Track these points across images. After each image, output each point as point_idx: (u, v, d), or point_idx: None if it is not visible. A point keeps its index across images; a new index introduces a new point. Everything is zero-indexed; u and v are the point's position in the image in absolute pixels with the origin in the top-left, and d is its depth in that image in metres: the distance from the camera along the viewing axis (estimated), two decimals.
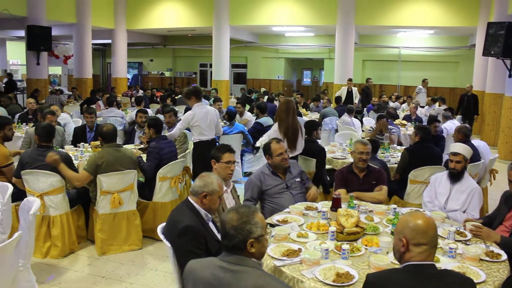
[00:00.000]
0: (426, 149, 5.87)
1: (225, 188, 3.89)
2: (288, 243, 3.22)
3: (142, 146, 6.35)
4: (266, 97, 13.37)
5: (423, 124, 8.00)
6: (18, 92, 17.92)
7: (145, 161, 5.40)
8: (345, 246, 3.02)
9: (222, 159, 4.00)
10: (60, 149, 6.14)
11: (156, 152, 5.43)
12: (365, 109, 13.77)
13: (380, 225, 3.65)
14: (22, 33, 15.48)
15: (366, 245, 3.20)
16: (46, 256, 4.90)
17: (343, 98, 13.71)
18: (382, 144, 6.99)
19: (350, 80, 14.14)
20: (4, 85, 17.78)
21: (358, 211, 3.77)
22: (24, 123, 8.59)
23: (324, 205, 3.95)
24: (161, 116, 8.13)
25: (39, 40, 13.99)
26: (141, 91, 17.22)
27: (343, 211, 3.47)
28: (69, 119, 8.39)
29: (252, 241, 2.28)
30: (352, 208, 3.79)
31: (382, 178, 4.66)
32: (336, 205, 3.69)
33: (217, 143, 6.46)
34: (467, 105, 13.09)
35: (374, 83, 20.09)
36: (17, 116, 9.57)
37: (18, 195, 4.78)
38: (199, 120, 6.21)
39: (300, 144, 5.63)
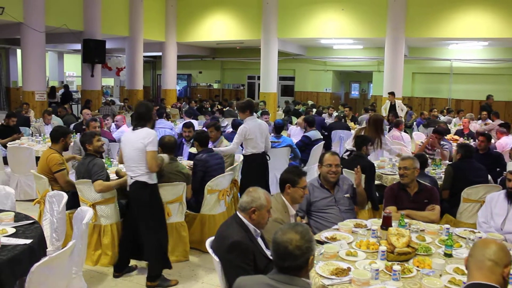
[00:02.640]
0: (469, 163, 5.77)
1: (293, 211, 3.87)
2: (336, 261, 3.17)
3: None
4: (314, 110, 13.30)
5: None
6: (73, 103, 18.63)
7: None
8: (396, 266, 2.93)
9: (299, 184, 3.83)
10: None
11: (202, 165, 5.51)
12: (414, 123, 13.46)
13: (433, 245, 3.52)
14: (78, 46, 16.15)
15: (417, 267, 3.10)
16: (96, 264, 5.03)
17: (387, 112, 13.44)
18: (433, 160, 6.80)
19: (390, 93, 13.83)
20: (61, 96, 18.56)
21: (409, 230, 3.66)
22: (78, 133, 8.88)
23: (374, 223, 3.86)
24: None
25: (94, 53, 14.56)
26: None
27: (394, 230, 3.38)
28: None
29: (312, 258, 2.31)
30: (402, 227, 3.69)
31: (435, 197, 4.51)
32: (386, 224, 3.60)
33: (267, 156, 6.47)
34: None
35: (423, 97, 19.67)
36: (72, 126, 9.94)
37: (72, 203, 4.95)
38: (252, 133, 6.13)
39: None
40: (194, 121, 9.95)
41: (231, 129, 9.07)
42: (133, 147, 4.46)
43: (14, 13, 12.41)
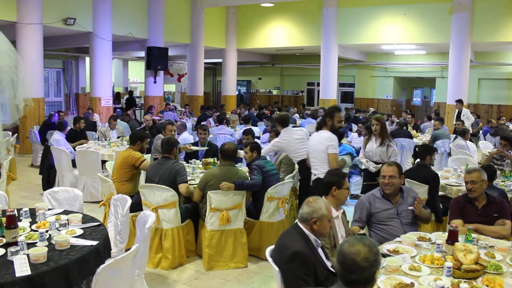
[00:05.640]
0: None
1: (336, 213, 3.82)
2: (399, 275, 3.06)
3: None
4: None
5: None
6: (137, 108, 19.27)
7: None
8: (464, 285, 2.80)
9: (344, 186, 3.95)
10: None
11: (260, 169, 5.52)
12: (480, 131, 12.90)
13: (503, 263, 3.31)
14: (142, 53, 16.74)
15: (487, 286, 2.93)
16: (157, 267, 5.15)
17: (454, 120, 12.95)
18: (502, 172, 6.47)
19: (458, 101, 13.31)
20: (125, 101, 19.25)
21: (477, 246, 3.49)
22: None
23: (439, 237, 3.71)
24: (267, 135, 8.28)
25: (157, 60, 15.04)
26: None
27: (461, 245, 3.23)
28: (188, 140, 8.55)
29: (377, 271, 2.27)
30: (469, 242, 3.52)
31: (505, 211, 4.25)
32: (452, 238, 3.44)
33: None
34: None
35: (490, 104, 18.84)
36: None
37: (135, 207, 5.12)
38: (286, 145, 6.38)
39: None
40: (254, 128, 10.01)
41: None
42: (317, 148, 5.16)
43: (85, 24, 13.06)
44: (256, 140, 7.39)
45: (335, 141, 5.13)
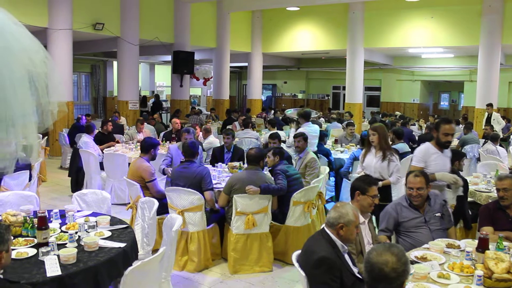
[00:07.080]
0: None
1: (362, 219, 3.78)
2: (427, 283, 3.01)
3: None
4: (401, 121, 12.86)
5: None
6: (163, 112, 19.48)
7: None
8: None
9: (369, 192, 3.83)
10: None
11: (284, 174, 5.51)
12: (511, 136, 12.61)
13: None
14: (168, 58, 16.92)
15: None
16: (183, 269, 5.18)
17: (483, 124, 12.69)
18: None
19: (489, 105, 13.03)
20: (151, 105, 19.48)
21: (509, 254, 3.41)
22: (168, 141, 9.26)
23: (469, 244, 3.64)
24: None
25: (183, 64, 15.19)
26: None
27: (492, 253, 3.16)
28: (214, 144, 8.62)
29: (406, 281, 2.25)
30: (501, 251, 3.44)
31: None
32: (483, 246, 3.37)
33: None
34: None
35: None
36: (161, 134, 10.39)
37: (162, 209, 5.17)
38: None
39: None
40: (280, 132, 9.98)
41: None
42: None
43: (113, 29, 13.30)
44: (282, 144, 7.42)
45: (419, 152, 4.74)
